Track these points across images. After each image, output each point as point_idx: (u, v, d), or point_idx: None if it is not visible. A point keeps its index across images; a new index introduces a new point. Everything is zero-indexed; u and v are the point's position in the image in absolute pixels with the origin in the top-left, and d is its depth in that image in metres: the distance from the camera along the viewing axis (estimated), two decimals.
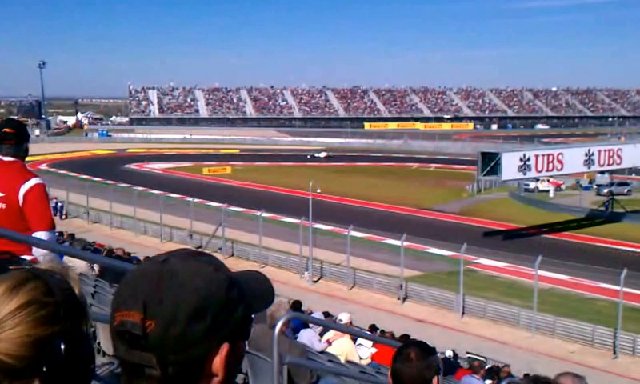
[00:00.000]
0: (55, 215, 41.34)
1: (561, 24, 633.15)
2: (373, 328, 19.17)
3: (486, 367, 17.02)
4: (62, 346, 1.22)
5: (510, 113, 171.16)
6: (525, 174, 40.62)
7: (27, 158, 4.70)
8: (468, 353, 19.47)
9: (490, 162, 38.42)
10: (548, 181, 60.11)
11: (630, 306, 25.87)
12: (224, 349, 1.22)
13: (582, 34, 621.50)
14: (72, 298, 1.29)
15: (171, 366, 1.17)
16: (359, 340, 12.46)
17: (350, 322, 14.41)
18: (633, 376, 21.90)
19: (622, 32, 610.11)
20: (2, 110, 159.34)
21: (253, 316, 1.35)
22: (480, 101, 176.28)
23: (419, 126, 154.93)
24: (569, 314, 25.99)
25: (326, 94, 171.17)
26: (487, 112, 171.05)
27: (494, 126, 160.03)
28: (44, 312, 1.21)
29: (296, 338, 9.86)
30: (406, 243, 30.32)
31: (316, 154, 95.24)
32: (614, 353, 23.84)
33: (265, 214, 36.81)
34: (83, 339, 1.28)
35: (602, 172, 55.64)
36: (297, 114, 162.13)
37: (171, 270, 1.21)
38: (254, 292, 1.34)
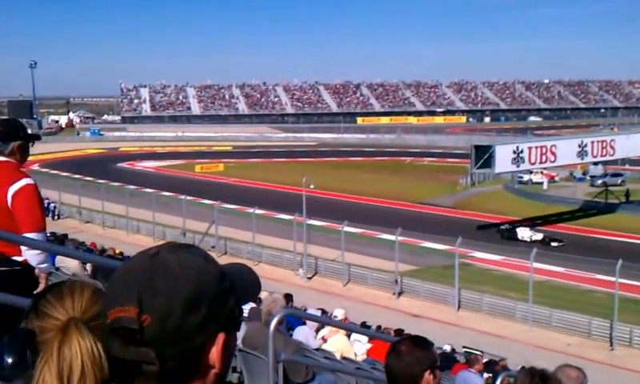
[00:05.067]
0: (47, 216, 41.33)
1: (552, 16, 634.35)
2: (363, 325, 19.02)
3: (483, 361, 16.93)
4: None
5: (503, 105, 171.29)
6: (518, 166, 40.56)
7: None
8: (465, 347, 19.35)
9: (484, 155, 38.33)
10: (541, 173, 60.16)
11: (626, 297, 25.79)
12: (220, 339, 1.22)
13: (574, 26, 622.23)
14: None
15: (170, 360, 1.16)
16: (355, 336, 12.36)
17: (346, 318, 14.29)
18: (630, 367, 21.89)
19: (613, 23, 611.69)
20: None
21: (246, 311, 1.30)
22: (472, 94, 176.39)
23: (412, 119, 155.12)
24: (565, 307, 25.96)
25: (318, 90, 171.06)
26: (480, 105, 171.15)
27: (487, 119, 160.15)
28: None
29: (291, 335, 9.75)
30: (400, 238, 30.25)
31: None
32: (611, 345, 23.83)
33: (258, 211, 36.73)
34: None
35: (596, 163, 55.74)
36: (289, 109, 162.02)
37: (163, 262, 1.20)
38: (241, 283, 1.32)
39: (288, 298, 16.56)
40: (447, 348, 17.38)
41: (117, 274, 1.22)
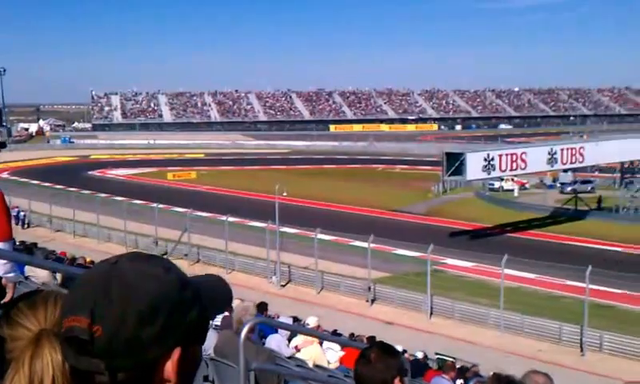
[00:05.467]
0: (17, 224, 40.84)
1: (522, 24, 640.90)
2: (335, 333, 18.99)
3: (456, 367, 17.01)
4: None
5: (474, 113, 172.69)
6: (489, 173, 40.89)
7: None
8: (437, 353, 19.47)
9: (455, 163, 38.57)
10: (512, 180, 60.63)
11: (596, 302, 26.09)
12: (175, 353, 1.18)
13: (543, 34, 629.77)
14: None
15: (121, 372, 1.13)
16: (327, 344, 12.35)
17: (318, 326, 14.27)
18: (600, 373, 22.07)
19: (582, 31, 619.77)
20: None
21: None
22: (444, 102, 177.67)
23: (384, 127, 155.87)
24: (536, 313, 26.14)
25: (290, 97, 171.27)
26: (451, 113, 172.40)
27: (458, 127, 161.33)
28: None
29: (264, 343, 9.72)
30: (373, 245, 30.31)
31: None
32: (582, 350, 24.03)
33: (231, 219, 36.59)
34: None
35: (565, 170, 56.35)
36: (262, 117, 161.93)
37: (120, 272, 1.17)
38: (210, 294, 1.29)
39: (262, 306, 16.52)
40: (420, 355, 17.44)
41: (76, 282, 1.20)
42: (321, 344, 11.89)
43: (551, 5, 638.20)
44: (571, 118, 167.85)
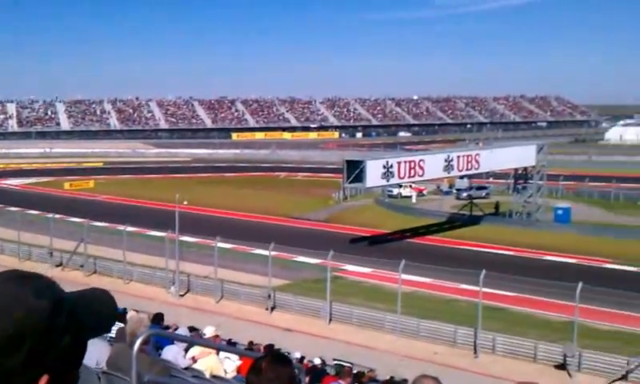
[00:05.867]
0: None
1: (420, 35, 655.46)
2: (230, 343, 19.00)
3: (353, 372, 17.32)
4: None
5: (374, 121, 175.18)
6: (388, 180, 41.65)
7: None
8: (335, 359, 19.70)
9: (355, 170, 39.11)
10: (410, 186, 61.90)
11: (489, 305, 26.97)
12: (43, 380, 1.14)
13: (441, 45, 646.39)
14: None
15: None
16: (226, 353, 12.40)
17: (217, 336, 14.31)
18: (493, 374, 22.79)
19: (478, 42, 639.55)
20: None
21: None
22: (345, 110, 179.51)
23: (286, 135, 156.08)
24: (432, 317, 26.83)
25: (192, 105, 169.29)
26: (352, 121, 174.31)
27: (359, 135, 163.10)
28: None
29: (160, 354, 9.72)
30: (273, 253, 30.40)
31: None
32: (475, 352, 24.80)
33: (129, 228, 36.05)
34: None
35: (462, 177, 58.01)
36: (163, 125, 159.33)
37: None
38: (89, 316, 1.24)
39: (158, 317, 16.46)
40: (317, 361, 17.64)
41: None
42: (218, 353, 11.94)
43: (440, 18, 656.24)
44: (468, 125, 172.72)
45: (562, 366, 23.05)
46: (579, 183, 65.64)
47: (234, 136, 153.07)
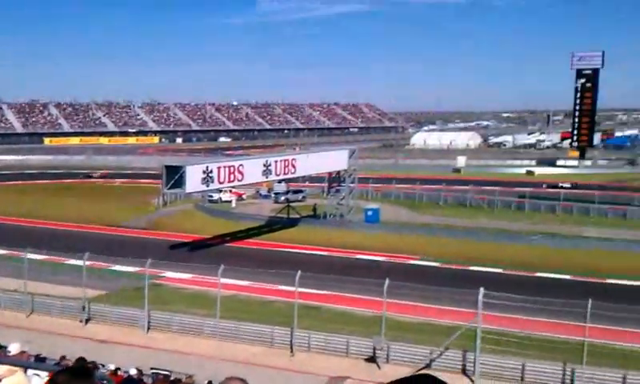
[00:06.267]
0: None
1: (239, 41, 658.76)
2: (38, 359, 18.35)
3: (170, 380, 17.33)
4: None
5: (195, 126, 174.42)
6: (208, 185, 41.68)
7: None
8: (152, 368, 19.55)
9: (175, 175, 38.82)
10: (230, 191, 62.33)
11: (306, 304, 27.76)
12: None
13: (256, 52, 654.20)
14: None
15: None
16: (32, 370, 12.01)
17: (23, 352, 13.80)
18: (309, 370, 23.45)
19: (296, 50, 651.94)
20: None
21: None
22: (165, 115, 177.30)
23: (103, 140, 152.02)
24: (251, 319, 27.20)
25: (1, 109, 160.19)
26: (172, 126, 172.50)
27: (179, 140, 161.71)
28: None
29: None
30: (88, 262, 29.56)
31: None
32: (292, 351, 25.44)
33: None
34: None
35: (280, 181, 59.21)
36: None
37: None
38: None
39: None
40: (133, 371, 17.43)
41: None
42: (26, 371, 11.57)
43: (262, 24, 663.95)
44: (285, 131, 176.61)
45: (371, 359, 24.15)
46: (387, 185, 69.27)
47: (47, 141, 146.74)
